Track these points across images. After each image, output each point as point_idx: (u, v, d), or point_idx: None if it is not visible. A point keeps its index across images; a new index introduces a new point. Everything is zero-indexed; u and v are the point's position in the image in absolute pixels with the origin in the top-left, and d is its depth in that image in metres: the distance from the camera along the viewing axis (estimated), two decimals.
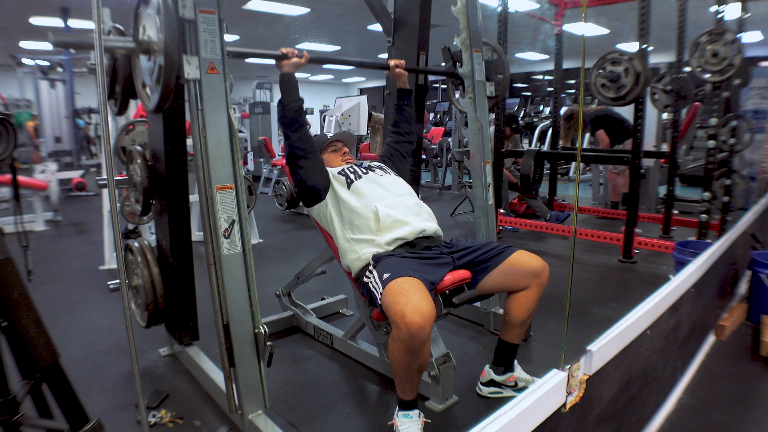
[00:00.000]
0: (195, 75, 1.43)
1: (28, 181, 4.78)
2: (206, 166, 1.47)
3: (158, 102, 1.51)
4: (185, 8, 1.40)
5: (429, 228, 1.83)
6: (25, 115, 8.45)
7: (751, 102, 5.40)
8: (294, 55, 1.81)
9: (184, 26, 1.42)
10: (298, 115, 1.80)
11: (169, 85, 1.45)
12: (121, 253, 1.23)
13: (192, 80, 1.43)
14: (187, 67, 1.42)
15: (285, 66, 1.81)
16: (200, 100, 1.44)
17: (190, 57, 1.42)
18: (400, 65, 2.17)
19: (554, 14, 5.00)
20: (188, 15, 1.41)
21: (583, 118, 5.36)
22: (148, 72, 1.56)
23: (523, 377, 1.91)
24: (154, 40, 1.47)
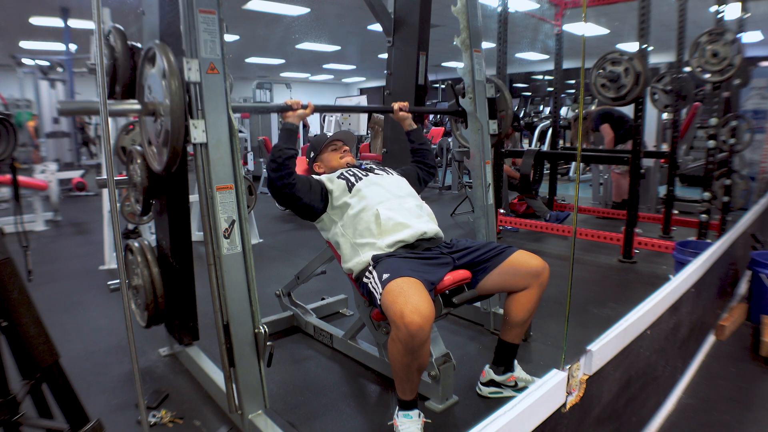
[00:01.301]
0: (202, 139, 1.44)
1: (28, 181, 4.78)
2: (206, 166, 1.47)
3: (166, 165, 1.50)
4: (190, 71, 1.41)
5: (430, 230, 1.83)
6: (25, 115, 8.45)
7: (751, 102, 5.40)
8: (299, 107, 1.84)
9: (190, 89, 1.43)
10: (289, 162, 1.79)
11: (177, 149, 1.45)
12: (121, 253, 1.23)
13: (199, 144, 1.44)
14: (194, 131, 1.43)
15: (290, 117, 1.84)
16: (200, 100, 1.44)
17: (196, 121, 1.43)
18: (404, 108, 2.18)
19: (554, 14, 5.00)
20: (193, 78, 1.42)
21: (587, 117, 5.37)
22: (154, 132, 1.55)
23: (523, 377, 1.91)
24: (159, 101, 1.47)
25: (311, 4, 7.78)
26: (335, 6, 7.95)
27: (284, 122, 1.85)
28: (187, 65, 1.41)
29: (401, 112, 2.17)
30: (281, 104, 1.85)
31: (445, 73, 15.00)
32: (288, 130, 1.83)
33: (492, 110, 2.49)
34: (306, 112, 1.87)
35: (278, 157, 1.77)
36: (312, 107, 1.89)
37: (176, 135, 1.43)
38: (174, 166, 1.50)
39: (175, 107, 1.40)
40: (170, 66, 1.40)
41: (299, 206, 1.86)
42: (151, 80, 1.52)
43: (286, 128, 1.84)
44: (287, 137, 1.82)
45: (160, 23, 1.84)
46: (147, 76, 1.54)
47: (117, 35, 1.85)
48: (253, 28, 9.30)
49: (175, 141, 1.43)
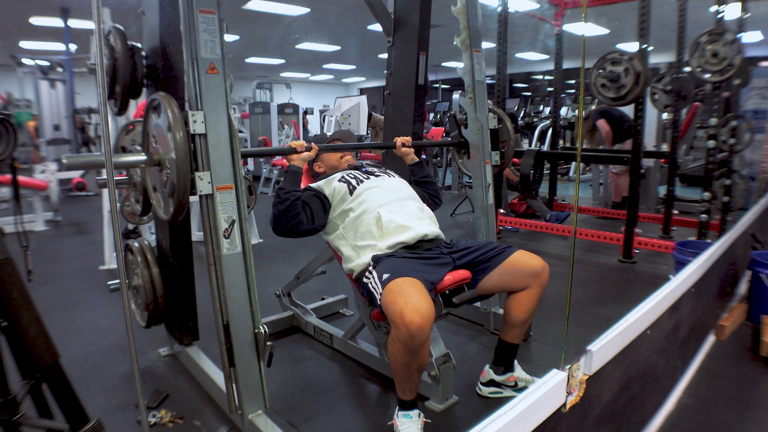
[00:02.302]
0: (207, 191, 1.45)
1: (28, 181, 4.78)
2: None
3: (173, 216, 1.50)
4: (195, 123, 1.41)
5: (431, 232, 1.83)
6: (25, 115, 8.45)
7: (751, 102, 5.40)
8: (303, 149, 1.87)
9: (195, 141, 1.43)
10: (296, 204, 1.79)
11: (183, 202, 1.45)
12: (121, 253, 1.23)
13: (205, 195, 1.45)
14: (200, 183, 1.44)
15: (294, 160, 1.87)
16: (200, 100, 1.44)
17: (201, 173, 1.44)
18: (406, 143, 2.18)
19: (554, 14, 5.00)
20: (199, 130, 1.42)
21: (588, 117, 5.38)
22: (160, 182, 1.55)
23: (523, 377, 1.91)
24: (164, 153, 1.46)
25: (311, 4, 7.78)
26: (335, 6, 7.95)
27: (289, 165, 1.88)
28: (192, 117, 1.41)
29: (404, 148, 2.18)
30: (285, 148, 1.89)
31: (445, 73, 15.00)
32: (293, 172, 1.85)
33: (495, 141, 2.48)
34: (310, 155, 1.90)
35: (285, 200, 1.77)
36: (316, 149, 1.92)
37: (182, 187, 1.42)
38: (181, 216, 1.50)
39: (181, 161, 1.39)
40: (175, 118, 1.39)
41: (305, 235, 1.87)
42: (155, 130, 1.51)
43: (291, 170, 1.86)
44: (293, 180, 1.84)
45: (160, 23, 1.85)
46: (152, 124, 1.53)
47: (117, 35, 1.85)
48: (253, 28, 9.30)
49: (181, 194, 1.43)
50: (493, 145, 2.46)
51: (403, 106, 2.66)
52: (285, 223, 1.78)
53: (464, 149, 2.48)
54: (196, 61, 1.42)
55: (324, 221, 1.90)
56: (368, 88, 19.53)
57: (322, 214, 1.89)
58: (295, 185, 1.83)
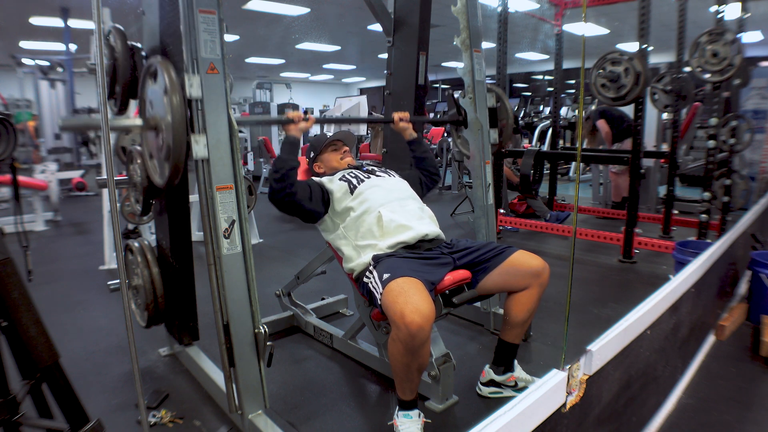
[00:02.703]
0: (203, 154, 1.44)
1: (28, 181, 4.78)
2: (206, 166, 1.47)
3: (168, 179, 1.50)
4: (192, 87, 1.41)
5: (431, 232, 1.83)
6: (25, 115, 8.45)
7: (751, 102, 5.40)
8: (300, 119, 1.85)
9: (191, 105, 1.43)
10: (291, 173, 1.79)
11: (178, 165, 1.45)
12: (121, 253, 1.23)
13: (201, 159, 1.45)
14: (195, 147, 1.43)
15: (291, 130, 1.86)
16: (200, 100, 1.44)
17: (197, 136, 1.43)
18: (404, 118, 2.17)
19: (554, 14, 5.00)
20: (195, 94, 1.42)
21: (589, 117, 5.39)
22: (156, 147, 1.55)
23: (523, 377, 1.91)
24: (160, 117, 1.47)
25: (311, 4, 7.78)
26: (335, 6, 7.96)
27: (286, 135, 1.87)
28: (188, 81, 1.41)
29: (401, 123, 2.17)
30: (283, 117, 1.86)
31: (445, 73, 15.01)
32: (290, 143, 1.85)
33: (493, 119, 2.48)
34: (307, 125, 1.89)
35: (281, 169, 1.77)
36: (313, 120, 1.91)
37: (178, 151, 1.43)
38: (176, 180, 1.50)
39: (177, 124, 1.40)
40: (172, 82, 1.40)
41: (300, 213, 1.86)
42: (152, 95, 1.52)
43: (288, 141, 1.86)
44: (289, 150, 1.84)
45: (160, 23, 1.84)
46: (149, 91, 1.54)
47: (117, 35, 1.85)
48: (253, 28, 9.30)
49: (176, 157, 1.43)
50: (491, 122, 2.46)
51: (403, 106, 2.66)
52: (280, 192, 1.78)
53: (463, 126, 2.48)
54: (196, 61, 1.42)
55: (321, 209, 1.89)
56: (368, 88, 19.54)
57: (320, 200, 1.89)
58: (292, 155, 1.83)
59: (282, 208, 1.84)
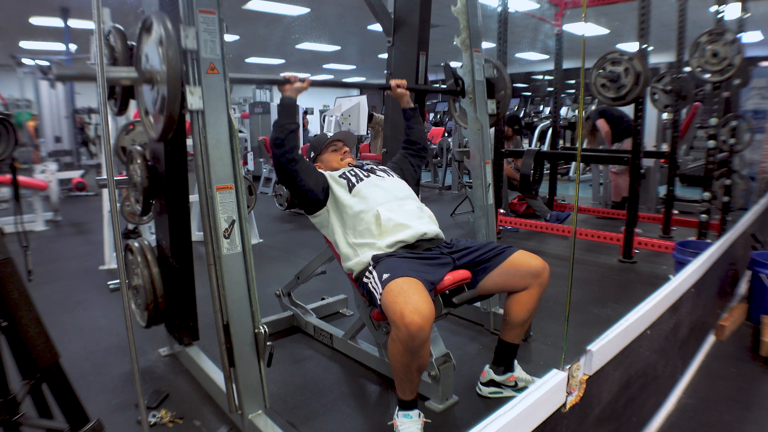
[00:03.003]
0: (198, 106, 1.44)
1: (28, 181, 4.78)
2: (206, 166, 1.47)
3: (162, 132, 1.50)
4: (187, 39, 1.41)
5: (430, 231, 1.83)
6: (25, 115, 8.45)
7: (751, 102, 5.40)
8: (296, 80, 1.84)
9: (187, 57, 1.43)
10: (291, 137, 1.80)
11: (173, 116, 1.45)
12: (121, 253, 1.23)
13: (196, 111, 1.44)
14: (190, 98, 1.43)
15: (287, 90, 1.84)
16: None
17: (192, 87, 1.43)
18: (401, 85, 2.17)
19: (554, 14, 5.00)
20: (190, 46, 1.41)
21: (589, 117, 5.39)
22: (151, 101, 1.55)
23: (523, 377, 1.91)
24: (156, 69, 1.46)
25: (311, 4, 7.78)
26: (335, 6, 7.96)
27: (282, 96, 1.84)
28: (183, 33, 1.41)
29: (399, 89, 2.17)
30: (278, 77, 1.83)
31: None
32: (287, 105, 1.83)
33: (490, 90, 2.48)
34: (303, 86, 1.85)
35: (281, 133, 1.77)
36: (309, 81, 1.88)
37: (172, 101, 1.42)
38: (170, 133, 1.49)
39: (172, 73, 1.38)
40: (167, 33, 1.39)
41: (299, 189, 1.86)
42: (148, 49, 1.51)
43: (285, 103, 1.83)
44: (287, 112, 1.82)
45: None
46: (144, 45, 1.54)
47: (117, 35, 1.85)
48: (253, 28, 9.30)
49: (171, 107, 1.42)
50: (488, 93, 2.46)
51: None
52: (281, 156, 1.79)
53: (460, 96, 2.47)
54: (196, 61, 1.42)
55: (320, 196, 1.89)
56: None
57: (320, 187, 1.89)
58: (290, 117, 1.82)
59: (284, 177, 1.84)
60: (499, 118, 2.57)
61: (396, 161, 2.22)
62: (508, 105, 2.65)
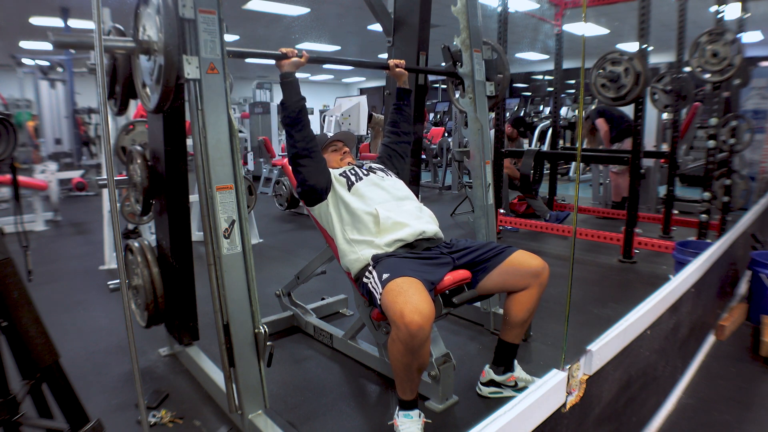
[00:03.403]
0: (195, 75, 1.43)
1: (28, 181, 4.78)
2: (206, 166, 1.46)
3: (158, 102, 1.50)
4: (185, 8, 1.40)
5: (429, 230, 1.83)
6: (25, 115, 8.45)
7: (751, 102, 5.40)
8: (294, 55, 1.81)
9: (184, 26, 1.42)
10: (300, 114, 1.80)
11: (169, 85, 1.45)
12: (121, 253, 1.23)
13: (192, 80, 1.43)
14: (187, 67, 1.42)
15: (285, 65, 1.80)
16: (200, 100, 1.44)
17: (190, 57, 1.42)
18: (400, 65, 2.17)
19: (554, 14, 5.00)
20: (188, 15, 1.41)
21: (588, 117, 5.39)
22: (148, 72, 1.56)
23: (523, 377, 1.91)
24: (153, 39, 1.47)
25: (311, 4, 7.78)
26: (335, 6, 7.95)
27: (282, 73, 1.80)
28: (181, 2, 1.40)
29: (397, 69, 2.17)
30: (276, 52, 1.80)
31: None
32: (288, 82, 1.80)
33: (489, 71, 2.47)
34: (301, 61, 1.82)
35: (291, 111, 1.76)
36: (307, 57, 1.84)
37: (169, 70, 1.41)
38: (166, 103, 1.48)
39: (169, 42, 1.38)
40: (165, 2, 1.39)
41: (307, 183, 1.85)
42: (145, 19, 1.51)
43: (286, 81, 1.80)
44: (291, 89, 1.80)
45: None
46: (142, 16, 1.54)
47: (117, 35, 1.85)
48: (253, 28, 9.30)
49: (168, 76, 1.42)
50: (487, 75, 2.45)
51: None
52: (297, 134, 1.78)
53: (458, 80, 2.47)
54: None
55: (325, 185, 1.88)
56: (368, 88, 19.54)
57: (325, 180, 1.88)
58: (296, 94, 1.79)
59: (296, 165, 1.82)
60: (498, 100, 2.56)
61: (384, 155, 2.20)
62: (508, 86, 2.64)
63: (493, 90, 2.47)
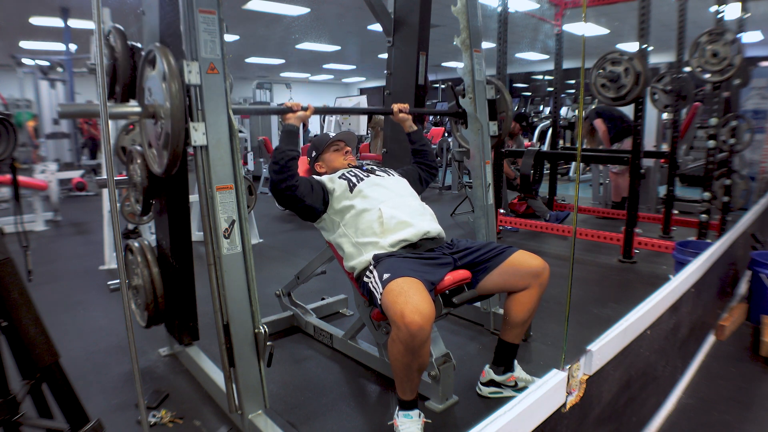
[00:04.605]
0: (202, 142, 1.44)
1: (28, 181, 4.78)
2: (206, 166, 1.47)
3: (167, 167, 1.50)
4: (191, 74, 1.41)
5: (433, 230, 1.83)
6: (25, 115, 8.45)
7: (751, 102, 5.40)
8: (299, 108, 1.85)
9: (190, 92, 1.43)
10: (290, 163, 1.79)
11: (177, 152, 1.45)
12: (121, 253, 1.23)
13: (199, 147, 1.44)
14: (194, 134, 1.43)
15: (290, 119, 1.85)
16: (200, 100, 1.44)
17: (196, 124, 1.43)
18: (404, 110, 2.17)
19: (554, 14, 5.00)
20: (194, 81, 1.42)
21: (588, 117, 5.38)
22: (154, 135, 1.55)
23: (523, 377, 1.91)
24: (159, 104, 1.47)
25: (311, 4, 7.78)
26: (335, 6, 7.95)
27: (285, 124, 1.86)
28: (187, 68, 1.41)
29: (401, 114, 2.17)
30: (281, 106, 1.86)
31: (445, 73, 15.00)
32: (289, 131, 1.84)
33: (492, 111, 2.48)
34: (306, 114, 1.88)
35: (281, 159, 1.77)
36: (312, 109, 1.89)
37: (176, 138, 1.42)
38: (174, 168, 1.51)
39: (175, 110, 1.39)
40: (170, 68, 1.40)
41: (300, 208, 1.86)
42: (151, 82, 1.52)
43: (287, 130, 1.84)
44: (288, 139, 1.82)
45: (160, 23, 1.84)
46: (147, 78, 1.54)
47: (117, 35, 1.85)
48: (253, 28, 9.30)
49: (175, 144, 1.43)
50: (490, 115, 2.46)
51: None
52: (281, 183, 1.77)
53: (462, 119, 2.48)
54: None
55: (320, 207, 1.89)
56: (368, 88, 19.54)
57: (320, 198, 1.89)
58: (291, 144, 1.81)
59: (282, 201, 1.83)
60: (500, 139, 2.58)
61: (405, 169, 2.20)
62: (509, 126, 2.67)
63: (495, 130, 2.49)
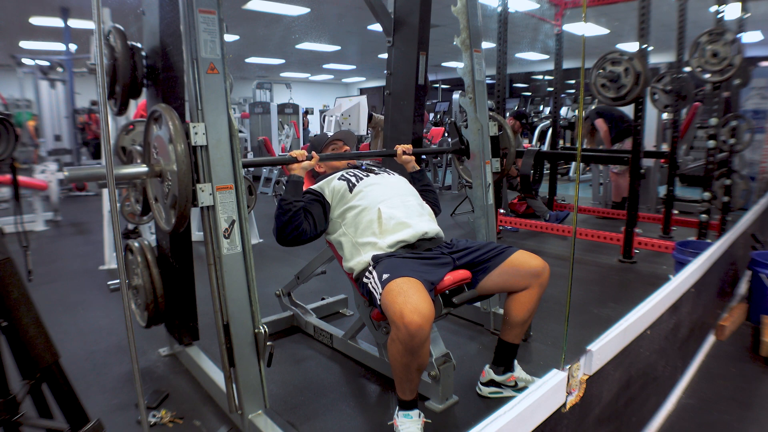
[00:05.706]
0: (209, 202, 1.45)
1: (28, 181, 4.78)
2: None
3: (174, 227, 1.50)
4: (197, 135, 1.41)
5: (431, 230, 1.83)
6: (25, 115, 8.45)
7: (751, 102, 5.40)
8: (303, 158, 1.85)
9: (197, 152, 1.43)
10: (298, 216, 1.78)
11: (184, 213, 1.45)
12: (121, 253, 1.23)
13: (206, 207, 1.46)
14: (201, 195, 1.43)
15: (295, 169, 1.85)
16: (200, 100, 1.44)
17: (203, 185, 1.43)
18: (407, 151, 2.17)
19: (554, 14, 5.00)
20: (200, 142, 1.42)
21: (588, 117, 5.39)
22: (161, 194, 1.55)
23: (523, 377, 1.91)
24: (165, 165, 1.47)
25: (311, 4, 7.78)
26: (335, 6, 7.95)
27: (290, 175, 1.85)
28: (193, 129, 1.41)
29: (404, 156, 2.17)
30: (287, 156, 1.87)
31: (445, 73, 15.00)
32: (294, 182, 1.83)
33: (495, 148, 2.50)
34: (311, 163, 1.87)
35: (288, 211, 1.76)
36: (317, 158, 1.89)
37: (183, 200, 1.42)
38: (182, 227, 1.50)
39: (182, 173, 1.39)
40: (176, 130, 1.39)
41: (306, 241, 1.86)
42: (157, 141, 1.51)
43: (293, 180, 1.83)
44: (295, 190, 1.82)
45: (160, 23, 1.85)
46: (153, 136, 1.54)
47: (117, 35, 1.85)
48: (253, 28, 9.29)
49: (182, 206, 1.43)
50: (493, 152, 2.48)
51: (403, 106, 2.66)
52: (288, 234, 1.78)
53: (464, 155, 2.48)
54: (196, 61, 1.42)
55: (325, 226, 1.90)
56: (368, 88, 19.53)
57: (323, 218, 1.89)
58: (297, 195, 1.81)
59: (287, 245, 1.83)
60: (503, 174, 2.59)
61: None
62: (512, 162, 2.68)
63: (498, 167, 2.50)
